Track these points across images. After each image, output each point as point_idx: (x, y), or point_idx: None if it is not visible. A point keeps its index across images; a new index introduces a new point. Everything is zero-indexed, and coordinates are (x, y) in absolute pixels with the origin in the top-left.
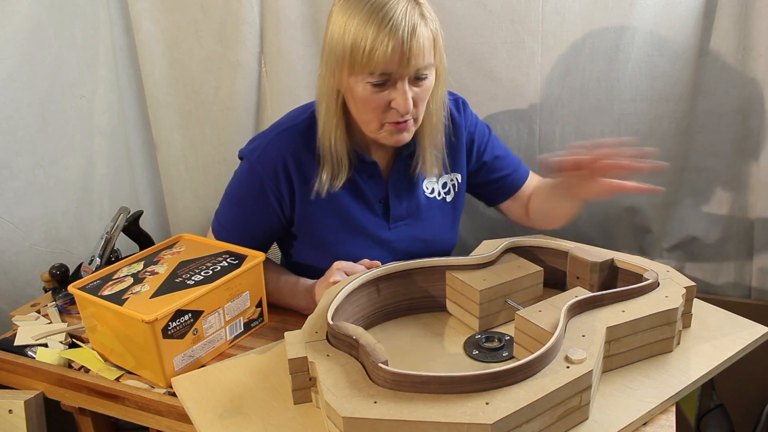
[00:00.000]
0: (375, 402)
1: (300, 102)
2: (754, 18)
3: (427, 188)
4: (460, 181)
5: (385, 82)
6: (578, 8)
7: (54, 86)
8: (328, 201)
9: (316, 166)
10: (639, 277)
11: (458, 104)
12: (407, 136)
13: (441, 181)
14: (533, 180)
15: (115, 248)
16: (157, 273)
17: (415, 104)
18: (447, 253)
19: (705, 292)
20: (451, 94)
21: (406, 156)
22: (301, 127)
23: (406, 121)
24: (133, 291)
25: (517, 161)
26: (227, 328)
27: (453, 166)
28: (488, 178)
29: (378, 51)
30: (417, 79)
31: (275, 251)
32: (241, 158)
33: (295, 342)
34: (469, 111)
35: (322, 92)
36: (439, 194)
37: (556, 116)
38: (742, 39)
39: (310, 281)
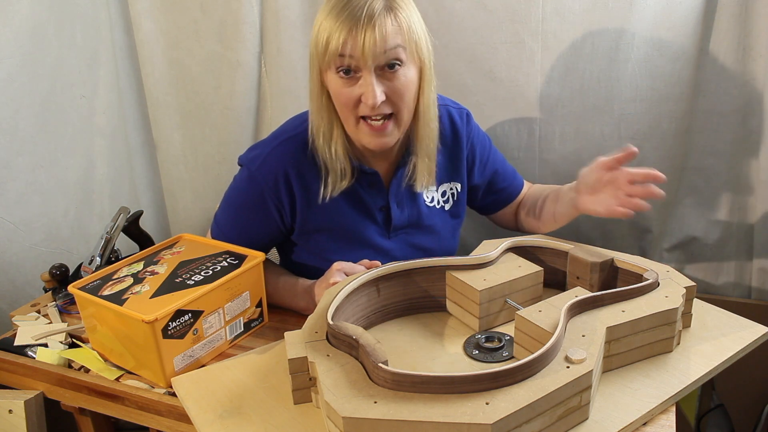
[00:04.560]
0: (375, 402)
1: (300, 102)
2: (754, 18)
3: (428, 197)
4: (459, 190)
5: (350, 73)
6: (578, 8)
7: (54, 86)
8: (329, 210)
9: (317, 174)
10: (639, 277)
11: (462, 115)
12: (389, 140)
13: (441, 190)
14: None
15: (115, 248)
16: (157, 273)
17: (391, 99)
18: None
19: (705, 292)
20: (455, 104)
21: (406, 166)
22: (302, 136)
23: (381, 123)
24: (133, 291)
25: (512, 174)
26: (227, 328)
27: (453, 175)
28: (485, 192)
29: (333, 39)
30: (388, 71)
31: (274, 251)
32: (240, 165)
33: (295, 342)
34: (473, 123)
35: (312, 94)
36: (439, 203)
37: (556, 116)
38: (742, 39)
39: (309, 281)
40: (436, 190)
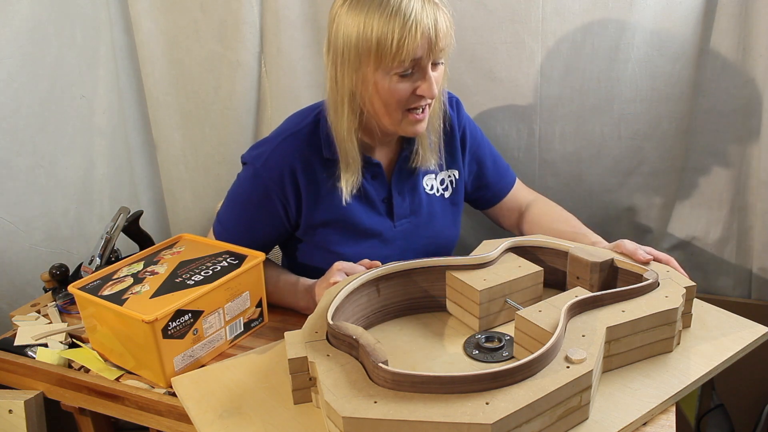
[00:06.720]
0: (375, 402)
1: (300, 102)
2: (754, 18)
3: (427, 185)
4: (457, 177)
5: (411, 71)
6: (578, 8)
7: (54, 86)
8: (334, 203)
9: (322, 170)
10: (639, 277)
11: (452, 102)
12: (425, 125)
13: (439, 178)
14: (520, 190)
15: (115, 248)
16: (157, 273)
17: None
18: (450, 249)
19: (705, 292)
20: (444, 91)
21: (407, 154)
22: (305, 131)
23: (424, 110)
24: (133, 291)
25: (503, 171)
26: (227, 328)
27: (451, 162)
28: (473, 186)
29: (407, 40)
30: (435, 64)
31: (275, 251)
32: (244, 163)
33: (295, 342)
34: (463, 110)
35: (338, 96)
36: (438, 191)
37: (556, 116)
38: (742, 39)
39: (309, 281)
40: (435, 178)
